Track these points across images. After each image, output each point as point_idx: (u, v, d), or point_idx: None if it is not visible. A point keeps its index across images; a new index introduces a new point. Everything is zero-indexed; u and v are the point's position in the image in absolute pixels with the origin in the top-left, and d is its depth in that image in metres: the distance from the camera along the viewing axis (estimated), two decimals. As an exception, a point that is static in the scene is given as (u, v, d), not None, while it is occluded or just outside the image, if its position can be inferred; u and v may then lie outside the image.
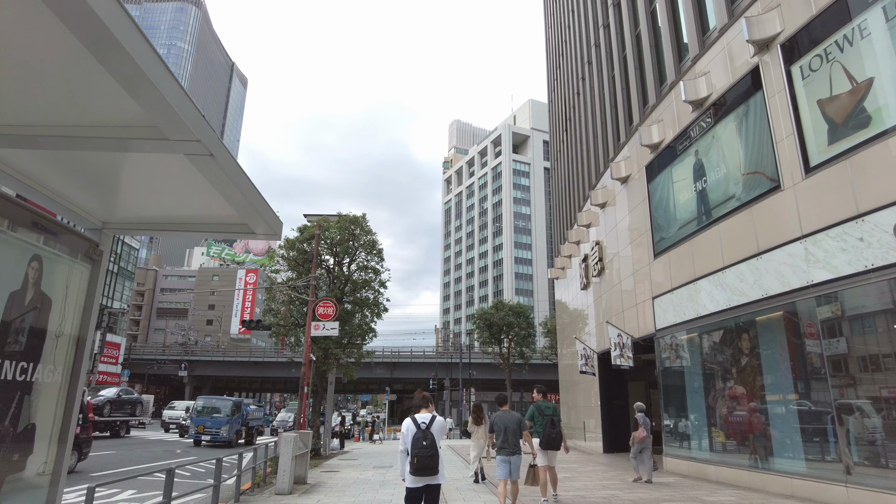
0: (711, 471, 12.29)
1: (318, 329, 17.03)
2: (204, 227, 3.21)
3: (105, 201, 2.86)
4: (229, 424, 22.98)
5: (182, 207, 3.00)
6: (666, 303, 14.63)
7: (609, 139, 20.10)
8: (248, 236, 3.31)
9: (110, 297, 59.57)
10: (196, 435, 22.92)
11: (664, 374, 15.27)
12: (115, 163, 2.41)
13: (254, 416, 27.17)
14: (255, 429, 26.98)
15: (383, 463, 17.45)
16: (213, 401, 24.57)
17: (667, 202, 14.93)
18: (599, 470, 14.78)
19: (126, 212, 3.06)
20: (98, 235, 3.00)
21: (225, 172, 2.22)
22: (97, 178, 2.54)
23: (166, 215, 3.16)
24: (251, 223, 2.83)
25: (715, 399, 12.86)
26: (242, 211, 2.62)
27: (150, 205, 3.05)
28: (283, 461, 10.35)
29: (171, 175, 2.45)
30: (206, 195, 2.51)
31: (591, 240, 21.37)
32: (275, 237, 3.25)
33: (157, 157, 2.22)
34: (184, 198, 2.79)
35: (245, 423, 25.02)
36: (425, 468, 5.20)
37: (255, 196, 2.54)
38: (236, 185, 2.34)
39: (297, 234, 22.60)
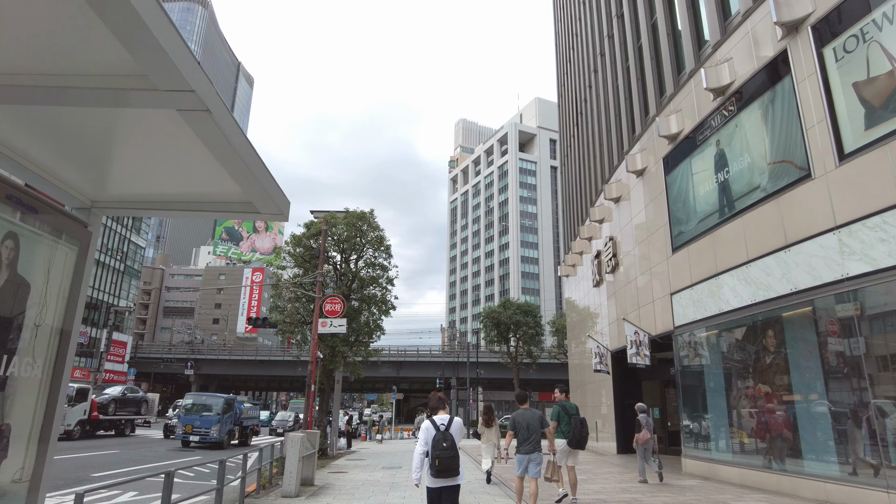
0: (734, 473, 11.79)
1: (326, 326, 16.62)
2: (204, 206, 2.84)
3: (95, 177, 2.55)
4: (220, 424, 21.29)
5: (180, 183, 2.66)
6: (685, 299, 14.13)
7: (623, 132, 19.59)
8: (252, 216, 2.94)
9: (116, 295, 59.41)
10: (184, 435, 21.23)
11: (683, 372, 14.77)
12: (106, 133, 2.11)
13: (248, 415, 25.27)
14: (249, 429, 25.34)
15: (392, 463, 17.02)
16: (203, 398, 22.98)
17: (686, 194, 14.43)
18: (615, 472, 14.29)
19: (118, 189, 2.73)
20: (87, 215, 2.62)
21: (223, 133, 1.88)
22: (85, 150, 2.24)
23: (162, 193, 2.81)
24: (256, 200, 2.53)
25: (737, 398, 12.36)
26: (246, 185, 2.32)
27: (144, 181, 2.69)
28: (289, 462, 9.93)
29: (167, 146, 2.16)
30: (206, 168, 2.25)
31: (605, 235, 20.86)
32: (281, 217, 2.81)
33: (152, 124, 1.97)
34: (181, 172, 2.47)
35: (238, 423, 23.43)
36: (447, 469, 5.23)
37: (258, 167, 2.21)
38: (237, 149, 2.01)
39: (304, 230, 22.21)
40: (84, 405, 22.83)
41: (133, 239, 63.34)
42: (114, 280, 59.24)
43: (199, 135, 1.91)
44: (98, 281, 56.17)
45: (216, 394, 24.14)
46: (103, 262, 56.71)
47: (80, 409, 22.56)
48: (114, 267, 59.07)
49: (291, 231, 22.59)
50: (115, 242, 59.22)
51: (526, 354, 46.58)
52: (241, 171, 2.16)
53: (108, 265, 57.91)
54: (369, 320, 22.62)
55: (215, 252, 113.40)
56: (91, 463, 14.70)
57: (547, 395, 71.06)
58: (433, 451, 5.28)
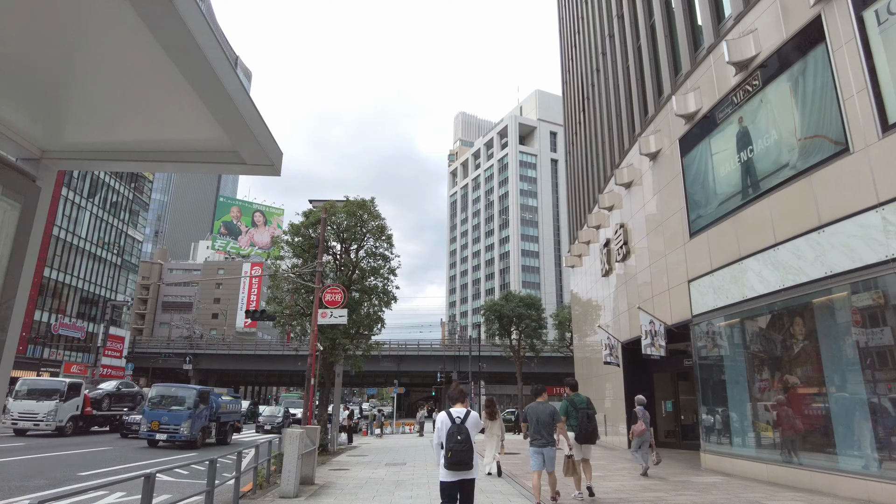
0: (761, 470, 11.11)
1: (326, 317, 15.91)
2: (180, 156, 2.28)
3: (46, 120, 2.04)
4: (192, 419, 18.54)
5: (150, 128, 2.13)
6: (704, 286, 13.42)
7: (635, 113, 18.84)
8: (237, 169, 2.24)
9: (114, 289, 58.61)
10: (149, 433, 18.41)
11: (701, 363, 14.06)
12: (59, 64, 1.67)
13: (228, 410, 21.98)
14: (229, 425, 22.04)
15: (395, 459, 16.35)
16: (173, 389, 20.04)
17: (704, 176, 13.70)
18: (630, 468, 13.61)
19: (76, 135, 2.19)
20: (35, 167, 2.11)
21: (195, 39, 1.43)
22: (34, 86, 1.76)
23: (130, 140, 2.25)
24: (242, 148, 2.06)
25: (762, 391, 11.67)
26: (229, 125, 1.87)
27: (107, 125, 2.14)
28: (288, 461, 9.23)
29: (135, 79, 1.74)
30: (181, 105, 1.84)
31: (614, 223, 20.14)
32: (272, 171, 2.26)
33: (114, 49, 1.57)
34: (152, 112, 1.99)
35: (214, 418, 20.49)
36: (460, 462, 5.21)
37: (245, 103, 1.76)
38: (215, 70, 1.54)
39: (303, 218, 21.46)
40: (77, 400, 22.11)
41: (130, 233, 62.49)
42: (111, 274, 58.43)
43: (161, 42, 1.44)
44: (94, 275, 55.39)
45: (188, 385, 20.77)
46: (99, 256, 55.90)
47: (73, 404, 21.84)
48: (110, 261, 58.26)
49: (290, 220, 21.84)
50: (112, 236, 58.40)
51: (528, 348, 45.94)
52: (220, 102, 1.71)
53: (105, 259, 57.11)
54: (370, 312, 21.91)
55: (213, 247, 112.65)
56: (80, 461, 14.01)
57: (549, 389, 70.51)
58: (447, 444, 5.24)
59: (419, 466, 14.36)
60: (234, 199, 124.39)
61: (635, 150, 17.95)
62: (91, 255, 54.69)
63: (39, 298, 47.65)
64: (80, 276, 52.95)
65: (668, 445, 18.73)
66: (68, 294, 51.87)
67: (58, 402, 21.17)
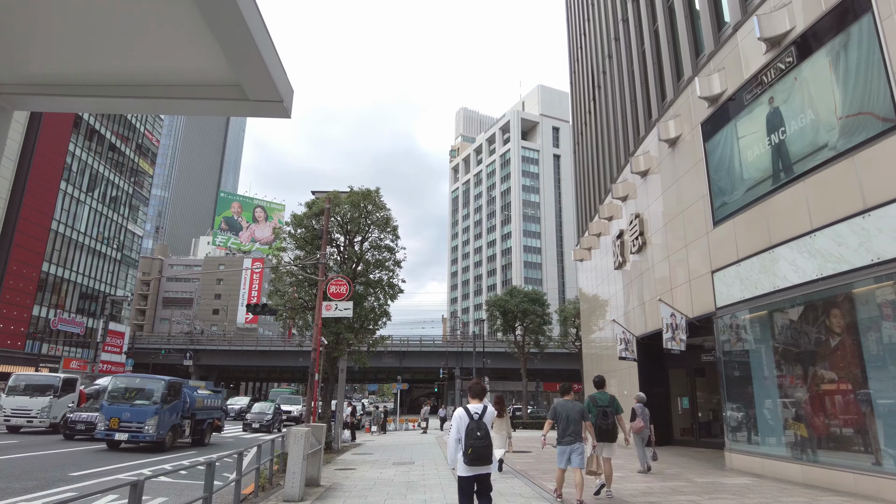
0: (796, 471, 10.43)
1: (330, 310, 15.25)
2: (168, 90, 1.81)
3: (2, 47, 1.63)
4: (159, 416, 15.51)
5: (133, 54, 1.68)
6: (730, 276, 12.73)
7: (651, 99, 18.12)
8: (242, 108, 1.79)
9: (113, 284, 57.98)
10: (106, 431, 15.43)
11: (727, 358, 13.37)
12: None
13: (205, 406, 18.65)
14: (207, 424, 18.82)
15: (403, 458, 15.69)
16: (137, 381, 16.88)
17: (730, 162, 13.01)
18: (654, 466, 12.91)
19: (39, 65, 1.75)
20: None
21: None
22: None
23: (108, 72, 1.79)
24: (246, 79, 1.61)
25: (795, 387, 11.00)
26: (231, 46, 1.44)
27: (79, 50, 1.68)
28: (292, 462, 8.57)
29: None
30: (172, 22, 1.45)
31: (629, 213, 19.45)
32: (281, 111, 1.78)
33: None
34: (134, 32, 1.55)
35: (187, 415, 17.30)
36: (480, 458, 5.23)
37: (251, 13, 1.36)
38: None
39: (305, 209, 20.78)
40: (72, 396, 21.48)
41: (130, 227, 61.83)
42: (110, 269, 57.79)
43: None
44: (94, 270, 54.74)
45: (156, 376, 17.81)
46: (99, 251, 55.26)
47: (68, 400, 21.21)
48: (110, 256, 57.60)
49: (292, 211, 21.17)
50: (112, 231, 57.74)
51: (533, 344, 45.25)
52: (223, 20, 1.35)
53: (105, 254, 56.46)
54: (375, 306, 21.25)
55: (214, 242, 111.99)
56: (74, 461, 13.36)
57: (552, 386, 69.88)
58: (466, 440, 5.23)
59: (429, 466, 13.71)
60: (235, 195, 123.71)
61: (652, 136, 17.25)
62: (91, 249, 54.05)
63: (38, 293, 47.03)
64: (79, 272, 52.32)
65: (685, 444, 18.09)
66: (68, 289, 51.24)
67: (52, 398, 20.53)
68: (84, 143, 51.73)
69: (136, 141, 61.68)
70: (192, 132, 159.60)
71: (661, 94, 17.46)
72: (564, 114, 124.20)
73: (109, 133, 56.08)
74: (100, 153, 54.58)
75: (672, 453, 16.05)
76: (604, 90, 24.38)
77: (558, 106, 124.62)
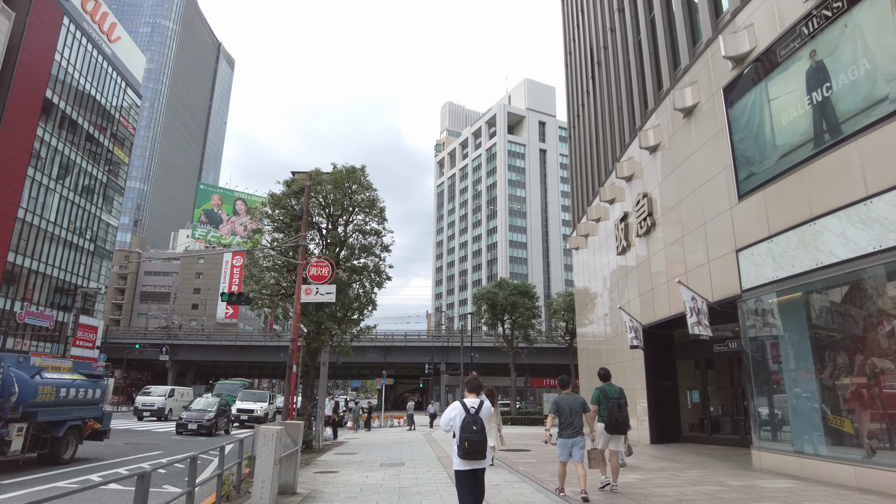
0: (847, 473, 9.08)
1: (311, 294, 13.67)
2: None
3: None
4: None
5: None
6: (759, 254, 11.39)
7: (662, 67, 16.72)
8: None
9: (86, 277, 55.57)
10: None
11: (754, 346, 12.02)
12: None
13: (60, 400, 12.14)
14: (68, 428, 12.43)
15: (390, 458, 14.18)
16: None
17: (758, 128, 11.65)
18: (671, 467, 11.57)
19: None
20: None
21: None
22: None
23: None
24: None
25: (837, 377, 9.68)
26: None
27: None
28: (261, 468, 7.03)
29: None
30: None
31: (635, 193, 18.07)
32: None
33: None
34: None
35: (22, 416, 11.08)
36: (475, 452, 5.21)
37: None
38: None
39: (284, 188, 19.10)
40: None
41: (104, 218, 59.36)
42: (83, 261, 55.34)
43: None
44: (65, 262, 52.33)
45: None
46: (71, 242, 52.87)
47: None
48: (83, 247, 55.16)
49: (270, 189, 19.48)
50: (84, 221, 55.32)
51: (522, 338, 43.92)
52: None
53: (77, 245, 54.06)
54: (360, 293, 19.67)
55: (194, 235, 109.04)
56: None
57: (539, 381, 68.62)
58: (462, 434, 5.23)
59: (421, 468, 12.22)
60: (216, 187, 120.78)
61: (664, 108, 15.89)
62: (61, 240, 51.63)
63: (4, 285, 44.64)
64: (49, 263, 49.91)
65: (694, 440, 16.80)
66: (36, 281, 48.81)
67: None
68: (54, 129, 49.32)
69: (110, 128, 59.26)
70: (173, 124, 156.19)
71: (673, 61, 16.08)
72: (551, 108, 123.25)
73: (82, 119, 53.66)
74: (71, 140, 52.17)
75: (685, 451, 14.73)
76: (606, 63, 22.96)
77: (545, 100, 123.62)
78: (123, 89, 61.75)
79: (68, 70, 51.53)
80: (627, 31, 20.02)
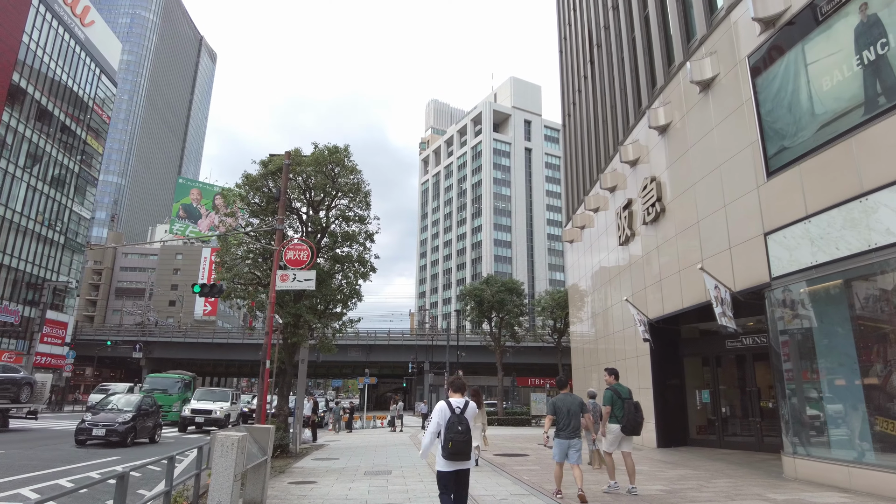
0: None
1: (287, 280, 12.18)
2: None
3: None
4: None
5: None
6: (794, 237, 10.14)
7: (674, 40, 15.45)
8: None
9: (56, 270, 53.21)
10: None
11: (785, 341, 10.75)
12: None
13: None
14: None
15: (376, 464, 12.73)
16: None
17: (793, 96, 10.41)
18: (692, 475, 10.27)
19: None
20: None
21: None
22: None
23: None
24: None
25: (889, 375, 8.46)
26: None
27: None
28: (217, 486, 5.55)
29: None
30: None
31: (640, 179, 16.82)
32: None
33: None
34: None
35: None
36: (459, 453, 5.11)
37: None
38: None
39: (260, 167, 17.51)
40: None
41: (76, 209, 56.99)
42: (52, 254, 52.98)
43: None
44: (31, 254, 49.96)
45: None
46: (38, 234, 50.52)
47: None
48: (52, 239, 52.79)
49: (245, 171, 17.86)
50: (54, 212, 52.96)
51: (509, 336, 42.63)
52: None
53: (46, 237, 51.70)
54: (343, 284, 18.18)
55: (172, 230, 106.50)
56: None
57: (525, 380, 67.39)
58: (447, 434, 5.12)
59: (411, 476, 10.79)
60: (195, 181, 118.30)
61: (676, 83, 14.64)
62: (29, 231, 49.27)
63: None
64: (14, 255, 47.55)
65: (704, 443, 15.59)
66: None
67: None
68: (22, 116, 47.01)
69: (83, 116, 56.94)
70: (152, 118, 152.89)
71: (686, 32, 14.84)
72: (536, 107, 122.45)
73: (52, 105, 51.35)
74: (41, 128, 49.85)
75: (698, 456, 13.49)
76: (605, 46, 21.70)
77: (530, 99, 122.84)
78: (97, 76, 59.42)
79: (38, 54, 49.25)
80: (632, 5, 18.76)
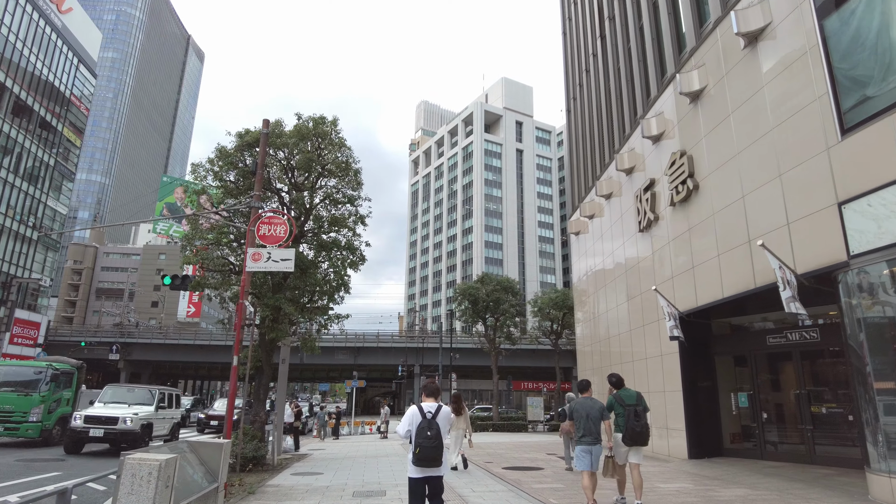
0: None
1: (260, 260, 10.13)
2: None
3: None
4: None
5: None
6: (884, 206, 8.24)
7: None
8: None
9: (28, 268, 50.62)
10: None
11: (870, 332, 8.83)
12: None
13: None
14: None
15: (366, 482, 10.69)
16: None
17: (878, 35, 8.55)
18: (751, 496, 8.34)
19: None
20: None
21: None
22: None
23: None
24: None
25: None
26: None
27: None
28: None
29: None
30: None
31: (668, 154, 14.93)
32: None
33: None
34: None
35: None
36: (428, 459, 5.03)
37: None
38: None
39: (236, 139, 15.43)
40: None
41: (51, 204, 54.42)
42: (23, 251, 50.37)
43: None
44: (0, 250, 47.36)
45: None
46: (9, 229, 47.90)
47: None
48: (24, 235, 50.17)
49: (220, 144, 15.74)
50: (25, 207, 50.36)
51: (505, 338, 40.67)
52: None
53: (16, 232, 49.10)
54: (330, 274, 16.15)
55: (155, 230, 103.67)
56: None
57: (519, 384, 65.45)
58: (416, 439, 5.06)
59: (409, 499, 8.76)
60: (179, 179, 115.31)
61: (713, 41, 12.78)
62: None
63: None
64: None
65: (739, 454, 13.66)
66: (-36, 270, 43.92)
67: None
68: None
69: (60, 107, 54.44)
70: (138, 117, 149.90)
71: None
72: (528, 109, 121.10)
73: (26, 95, 48.85)
74: (13, 120, 47.33)
75: (742, 469, 11.56)
76: (619, 16, 19.82)
77: (522, 100, 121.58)
78: (75, 66, 56.95)
79: (10, 40, 46.83)
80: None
